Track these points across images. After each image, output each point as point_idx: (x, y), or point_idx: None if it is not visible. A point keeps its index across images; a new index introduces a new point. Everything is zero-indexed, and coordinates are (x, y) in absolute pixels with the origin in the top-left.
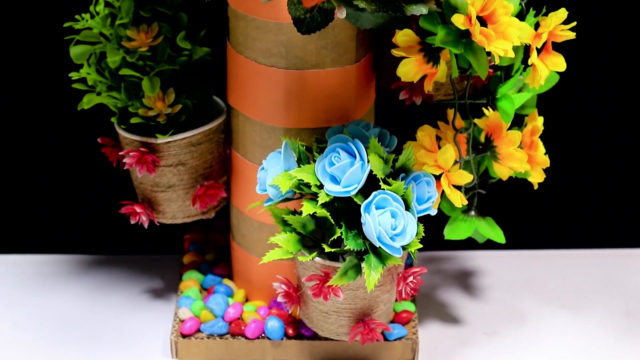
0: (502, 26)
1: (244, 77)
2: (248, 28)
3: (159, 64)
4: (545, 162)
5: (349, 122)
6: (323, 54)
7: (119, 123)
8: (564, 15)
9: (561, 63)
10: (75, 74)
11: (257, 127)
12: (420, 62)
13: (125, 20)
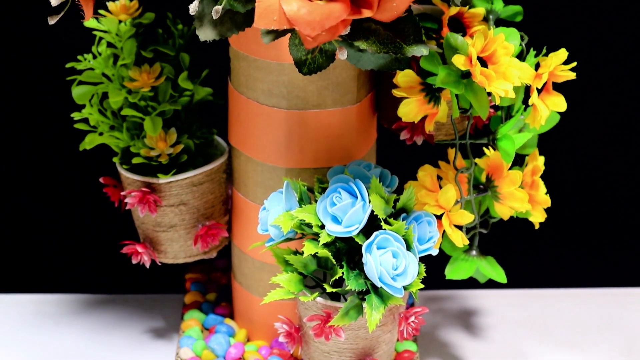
0: (502, 67)
1: (245, 117)
2: (249, 68)
3: (161, 104)
4: (546, 201)
5: (350, 162)
6: (324, 94)
7: (121, 163)
8: (564, 56)
9: (562, 103)
10: (77, 114)
11: (258, 167)
12: (421, 103)
13: (127, 60)
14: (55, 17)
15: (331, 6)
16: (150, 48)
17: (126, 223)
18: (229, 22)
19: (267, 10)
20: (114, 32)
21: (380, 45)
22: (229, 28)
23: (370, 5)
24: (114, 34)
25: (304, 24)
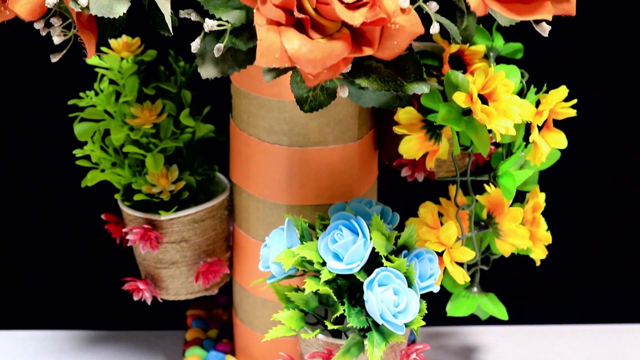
0: (503, 104)
1: (247, 154)
2: (251, 106)
3: (163, 141)
4: (547, 238)
5: (351, 199)
6: (325, 131)
7: (123, 200)
8: (564, 93)
9: (562, 140)
10: (79, 151)
11: (260, 204)
12: (422, 140)
13: (129, 98)
14: (58, 54)
15: (332, 44)
16: (152, 85)
17: (128, 260)
18: (231, 60)
19: (269, 48)
20: (116, 69)
21: (381, 83)
22: (231, 66)
23: (371, 44)
24: (116, 71)
25: (306, 62)
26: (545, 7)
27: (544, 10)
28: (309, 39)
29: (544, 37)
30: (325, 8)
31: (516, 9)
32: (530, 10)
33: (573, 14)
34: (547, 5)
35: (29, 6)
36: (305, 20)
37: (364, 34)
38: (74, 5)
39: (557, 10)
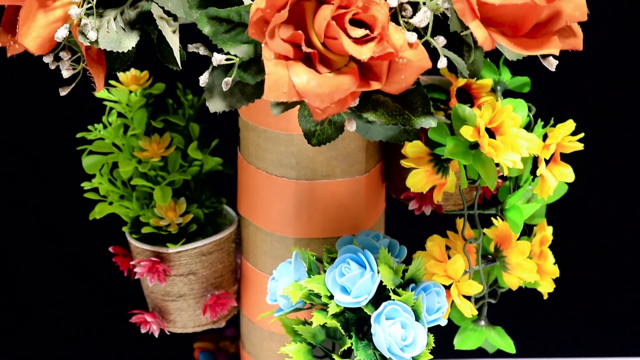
0: (510, 138)
1: (254, 187)
2: (259, 139)
3: (171, 174)
4: (554, 272)
5: (358, 233)
6: (333, 164)
7: (131, 232)
8: (571, 127)
9: (569, 174)
10: (87, 184)
11: (267, 237)
12: (429, 173)
13: (137, 131)
14: (67, 88)
15: (340, 79)
16: (160, 118)
17: (135, 292)
18: (239, 94)
19: (277, 82)
20: (124, 102)
21: (389, 117)
22: (239, 99)
23: (379, 78)
24: (124, 104)
25: (313, 96)
26: (552, 42)
27: (551, 45)
28: (317, 73)
29: (552, 71)
30: (333, 43)
31: (523, 43)
32: (538, 45)
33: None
34: (555, 40)
35: (39, 40)
36: (313, 54)
37: (371, 68)
38: (83, 39)
39: (565, 45)
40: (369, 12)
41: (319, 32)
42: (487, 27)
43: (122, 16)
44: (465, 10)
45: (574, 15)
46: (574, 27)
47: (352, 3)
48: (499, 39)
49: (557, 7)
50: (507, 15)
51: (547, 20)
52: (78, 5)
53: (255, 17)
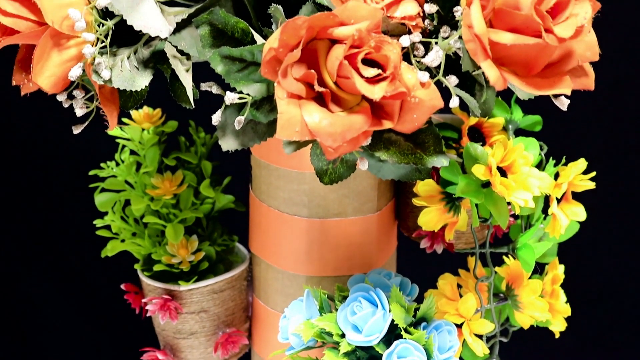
0: (522, 176)
1: (266, 225)
2: (271, 177)
3: (183, 211)
4: (566, 310)
5: (370, 271)
6: (345, 203)
7: (143, 270)
8: (583, 166)
9: (581, 212)
10: (100, 221)
11: (279, 275)
12: (441, 212)
13: (150, 168)
14: (80, 126)
15: (352, 118)
16: (172, 156)
17: (147, 330)
18: (251, 132)
19: (290, 121)
20: (137, 140)
21: (400, 156)
22: (251, 138)
23: (391, 117)
24: (137, 141)
25: (326, 135)
26: (564, 82)
27: (563, 85)
28: (329, 112)
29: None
30: (346, 82)
31: (535, 83)
32: (550, 85)
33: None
34: (566, 80)
35: (52, 79)
36: (325, 93)
37: (383, 108)
38: (97, 78)
39: (577, 84)
40: (381, 52)
41: (331, 71)
42: (499, 66)
43: (135, 55)
44: (477, 50)
45: (586, 55)
46: (586, 66)
47: (364, 43)
48: (511, 79)
49: (568, 47)
50: (519, 55)
51: (558, 60)
52: (92, 44)
53: (268, 57)
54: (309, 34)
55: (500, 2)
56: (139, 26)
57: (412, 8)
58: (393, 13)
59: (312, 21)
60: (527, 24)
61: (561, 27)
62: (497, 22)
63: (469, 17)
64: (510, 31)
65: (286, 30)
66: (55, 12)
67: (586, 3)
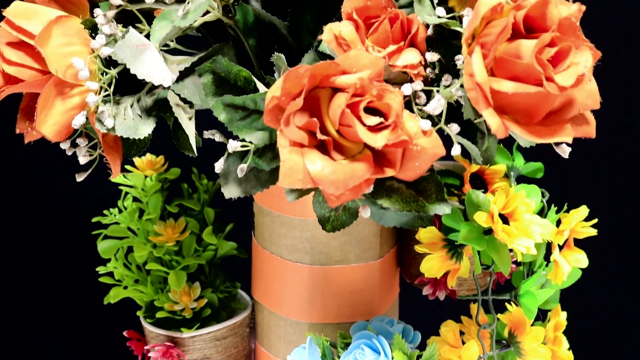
0: (524, 224)
1: (268, 271)
2: (274, 224)
3: (185, 258)
4: (569, 357)
5: (373, 318)
6: (347, 250)
7: (145, 317)
8: (585, 213)
9: (583, 259)
10: (102, 268)
11: (281, 322)
12: (443, 259)
13: (152, 215)
14: (83, 174)
15: (355, 166)
16: (175, 203)
17: None
18: (254, 180)
19: (292, 169)
20: (139, 187)
21: (403, 204)
22: (254, 185)
23: (393, 165)
24: (139, 189)
25: (328, 183)
26: (565, 130)
27: (564, 133)
28: (332, 160)
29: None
30: (348, 130)
31: (537, 131)
32: (551, 133)
33: (593, 136)
34: (568, 128)
35: (56, 127)
36: (328, 141)
37: (386, 156)
38: (100, 126)
39: (578, 132)
40: (383, 100)
41: (333, 119)
42: (500, 114)
43: (138, 103)
44: (479, 98)
45: (587, 104)
46: (587, 114)
47: (366, 91)
48: (513, 127)
49: (569, 96)
50: (521, 103)
51: (560, 108)
52: (95, 93)
53: (271, 105)
54: (312, 82)
55: (502, 50)
56: (142, 75)
57: (413, 57)
58: (395, 62)
59: (314, 70)
60: (528, 73)
61: (562, 76)
62: (498, 70)
63: (470, 66)
64: (511, 80)
65: (289, 78)
66: (59, 61)
67: (587, 52)
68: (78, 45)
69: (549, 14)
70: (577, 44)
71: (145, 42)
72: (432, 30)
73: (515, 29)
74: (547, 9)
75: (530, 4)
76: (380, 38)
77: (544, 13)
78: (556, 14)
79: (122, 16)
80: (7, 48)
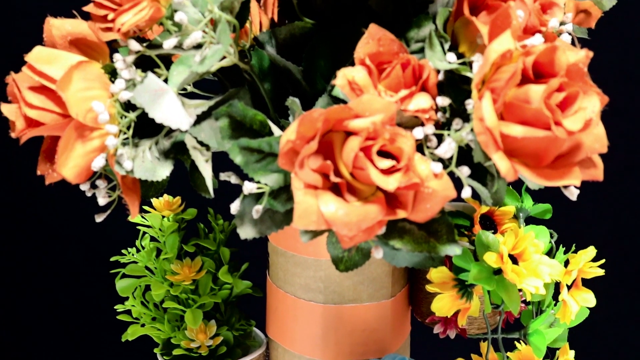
0: (532, 264)
1: (283, 310)
2: (288, 264)
3: (202, 297)
4: None
5: (385, 356)
6: (360, 289)
7: (162, 354)
8: (593, 254)
9: (591, 299)
10: (120, 306)
11: (295, 359)
12: (454, 298)
13: (170, 255)
14: (102, 214)
15: (367, 208)
16: (192, 242)
17: None
18: (269, 221)
19: (306, 211)
20: (157, 227)
21: (414, 245)
22: (269, 226)
23: (405, 207)
24: (157, 228)
25: (342, 225)
26: (573, 173)
27: (572, 176)
28: (345, 202)
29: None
30: (361, 173)
31: (545, 174)
32: (559, 176)
33: (601, 179)
34: (576, 171)
35: (76, 170)
36: (341, 184)
37: (398, 198)
38: (119, 168)
39: (585, 175)
40: (395, 144)
41: (347, 162)
42: (510, 157)
43: (156, 146)
44: (489, 142)
45: (594, 147)
46: (595, 158)
47: (379, 135)
48: (522, 170)
49: (577, 140)
50: (530, 147)
51: (568, 151)
52: (115, 136)
53: (286, 148)
54: (325, 126)
55: (511, 95)
56: (160, 119)
57: (425, 101)
58: (407, 106)
59: (328, 114)
60: (537, 117)
61: (570, 120)
62: (507, 115)
63: (480, 110)
64: (520, 124)
65: (303, 122)
66: (79, 105)
67: (594, 97)
68: (98, 90)
69: (557, 60)
70: (585, 89)
71: (163, 86)
72: (443, 75)
73: (524, 74)
74: (555, 55)
75: (539, 50)
76: (393, 83)
77: (553, 59)
78: (564, 60)
79: (141, 61)
80: (29, 92)
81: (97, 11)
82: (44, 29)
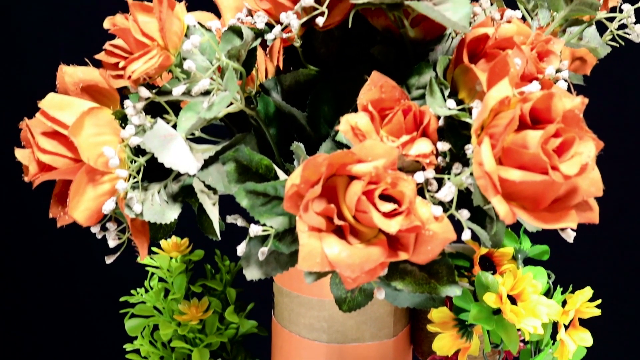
0: (531, 304)
1: (288, 349)
2: (292, 304)
3: (208, 336)
4: None
5: None
6: (363, 329)
7: None
8: (589, 294)
9: (588, 338)
10: (129, 346)
11: None
12: (454, 337)
13: (177, 295)
14: (112, 256)
15: (370, 250)
16: (199, 283)
17: None
18: (274, 262)
19: (311, 253)
20: (165, 267)
21: (416, 286)
22: (274, 268)
23: (407, 249)
24: (165, 269)
25: (345, 266)
26: (570, 216)
27: (569, 219)
28: (348, 244)
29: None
30: (364, 216)
31: (543, 217)
32: (557, 219)
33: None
34: (572, 214)
35: (87, 213)
36: (344, 227)
37: (399, 240)
38: (129, 211)
39: (582, 218)
40: (397, 188)
41: (350, 206)
42: (508, 201)
43: (165, 189)
44: (488, 186)
45: (590, 191)
46: (591, 201)
47: (381, 179)
48: (520, 213)
49: (574, 184)
50: (527, 190)
51: (565, 195)
52: (125, 180)
53: (290, 192)
54: (329, 170)
55: (509, 141)
56: (169, 164)
57: (426, 146)
58: (408, 151)
59: (331, 159)
60: (534, 162)
61: (567, 165)
62: (506, 159)
63: (479, 155)
64: (518, 168)
65: (307, 167)
66: (90, 150)
67: (590, 142)
68: (109, 135)
69: (553, 106)
70: (581, 134)
71: (172, 132)
72: (443, 121)
73: (522, 120)
74: (552, 101)
75: (536, 97)
76: (394, 128)
77: (549, 106)
78: (560, 106)
79: (150, 107)
80: (42, 137)
81: (108, 59)
82: (57, 76)
